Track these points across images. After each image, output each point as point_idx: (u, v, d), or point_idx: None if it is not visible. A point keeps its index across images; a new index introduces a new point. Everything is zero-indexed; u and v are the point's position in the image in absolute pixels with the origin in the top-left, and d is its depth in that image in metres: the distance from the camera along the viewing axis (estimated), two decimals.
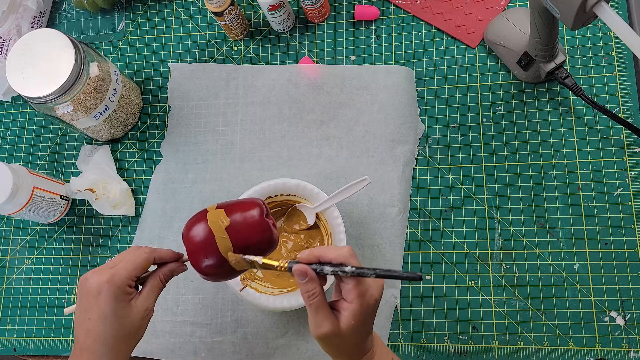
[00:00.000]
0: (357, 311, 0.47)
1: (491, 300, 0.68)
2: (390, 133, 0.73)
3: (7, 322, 0.78)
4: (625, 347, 0.63)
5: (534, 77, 0.71)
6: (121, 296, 0.52)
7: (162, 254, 0.56)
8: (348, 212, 0.71)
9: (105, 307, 0.52)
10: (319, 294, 0.48)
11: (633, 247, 0.66)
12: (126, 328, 0.52)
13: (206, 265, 0.53)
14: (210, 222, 0.53)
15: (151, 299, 0.54)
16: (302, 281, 0.48)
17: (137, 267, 0.54)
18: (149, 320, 0.55)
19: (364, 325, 0.48)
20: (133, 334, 0.53)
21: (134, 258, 0.54)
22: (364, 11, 0.79)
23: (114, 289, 0.52)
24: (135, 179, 0.80)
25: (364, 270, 0.46)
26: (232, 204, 0.55)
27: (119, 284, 0.52)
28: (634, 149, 0.68)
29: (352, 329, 0.47)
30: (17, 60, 0.68)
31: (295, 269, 0.48)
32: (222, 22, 0.78)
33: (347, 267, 0.47)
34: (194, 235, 0.53)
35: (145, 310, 0.54)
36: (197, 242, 0.53)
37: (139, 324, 0.53)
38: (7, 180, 0.69)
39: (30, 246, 0.81)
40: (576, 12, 0.50)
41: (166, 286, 0.57)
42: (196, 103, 0.81)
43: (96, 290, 0.52)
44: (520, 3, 0.76)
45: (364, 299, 0.47)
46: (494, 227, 0.70)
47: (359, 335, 0.49)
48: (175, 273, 0.57)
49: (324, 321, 0.48)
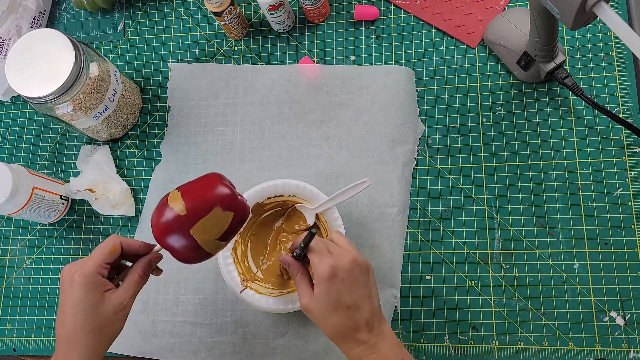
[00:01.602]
0: (315, 279, 0.54)
1: (491, 300, 0.68)
2: (390, 133, 0.73)
3: (7, 322, 0.78)
4: (625, 347, 0.63)
5: (534, 77, 0.71)
6: (91, 286, 0.52)
7: (130, 242, 0.56)
8: (348, 212, 0.71)
9: (75, 297, 0.52)
10: (298, 270, 0.57)
11: (633, 247, 0.66)
12: (97, 320, 0.52)
13: (171, 242, 0.53)
14: (171, 201, 0.54)
15: (127, 293, 0.54)
16: (287, 267, 0.59)
17: (104, 253, 0.54)
18: (125, 315, 0.54)
19: (328, 294, 0.53)
20: (104, 326, 0.53)
21: (101, 246, 0.54)
22: (363, 11, 0.79)
23: (82, 279, 0.52)
24: (135, 179, 0.80)
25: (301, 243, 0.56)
26: (190, 182, 0.57)
27: (88, 272, 0.52)
28: (633, 149, 0.68)
29: (315, 297, 0.54)
30: (16, 60, 0.68)
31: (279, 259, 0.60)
32: (221, 22, 0.78)
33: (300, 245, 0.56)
34: (157, 217, 0.54)
35: (119, 305, 0.53)
36: (161, 223, 0.53)
37: (112, 318, 0.53)
38: (6, 180, 0.69)
39: (30, 246, 0.81)
40: (576, 12, 0.50)
41: (146, 281, 0.57)
42: (196, 103, 0.81)
43: (68, 281, 0.53)
44: (520, 3, 0.76)
45: (319, 267, 0.54)
46: (494, 227, 0.70)
47: (327, 306, 0.53)
48: (153, 264, 0.57)
49: (302, 295, 0.56)
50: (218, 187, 0.54)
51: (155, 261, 0.57)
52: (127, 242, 0.56)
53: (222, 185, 0.55)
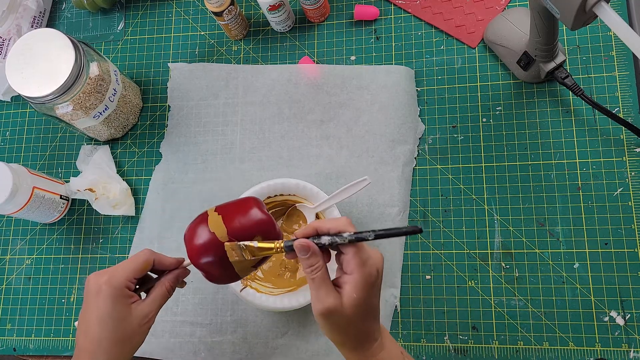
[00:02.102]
0: (358, 282, 0.45)
1: (491, 300, 0.68)
2: (390, 133, 0.73)
3: (7, 322, 0.78)
4: (625, 347, 0.63)
5: (534, 77, 0.71)
6: (119, 298, 0.52)
7: (163, 259, 0.56)
8: (348, 212, 0.71)
9: (103, 308, 0.51)
10: (321, 267, 0.46)
11: (633, 247, 0.66)
12: (122, 331, 0.52)
13: (206, 263, 0.53)
14: (211, 223, 0.53)
15: (153, 306, 0.54)
16: (304, 256, 0.47)
17: (136, 268, 0.54)
18: (149, 328, 0.54)
19: (367, 299, 0.46)
20: (129, 338, 0.53)
21: (133, 259, 0.54)
22: (363, 11, 0.79)
23: (111, 290, 0.52)
24: (135, 179, 0.80)
25: (362, 233, 0.44)
26: (229, 204, 0.56)
27: (116, 284, 0.52)
28: (633, 149, 0.68)
29: (354, 303, 0.45)
30: (17, 60, 0.68)
31: (297, 244, 0.47)
32: (222, 22, 0.78)
33: (345, 234, 0.46)
34: (196, 238, 0.53)
35: (144, 317, 0.53)
36: (198, 244, 0.53)
37: (137, 330, 0.53)
38: (7, 180, 0.69)
39: (30, 246, 0.81)
40: (576, 12, 0.50)
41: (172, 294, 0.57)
42: (196, 103, 0.81)
43: (95, 291, 0.52)
44: (520, 3, 0.76)
45: (365, 269, 0.45)
46: (494, 227, 0.70)
47: (363, 312, 0.46)
48: (180, 278, 0.57)
49: (326, 296, 0.46)
50: (260, 216, 0.54)
51: (182, 276, 0.58)
52: (160, 258, 0.56)
53: (263, 214, 0.54)
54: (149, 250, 0.56)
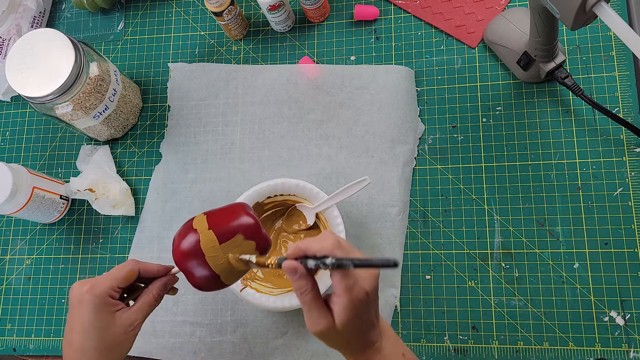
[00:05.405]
0: (346, 305, 0.45)
1: (491, 300, 0.68)
2: (390, 133, 0.73)
3: (7, 322, 0.78)
4: (625, 347, 0.63)
5: (534, 77, 0.71)
6: (102, 306, 0.52)
7: (148, 267, 0.56)
8: (348, 212, 0.71)
9: (85, 317, 0.51)
10: (310, 290, 0.46)
11: (633, 247, 0.66)
12: (107, 341, 0.52)
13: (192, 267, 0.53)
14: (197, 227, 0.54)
15: (139, 314, 0.54)
16: (293, 277, 0.46)
17: (119, 277, 0.54)
18: (135, 335, 0.54)
19: (359, 317, 0.46)
20: (115, 346, 0.52)
21: (117, 268, 0.54)
22: (363, 11, 0.79)
23: (93, 299, 0.52)
24: (135, 179, 0.80)
25: (343, 261, 0.44)
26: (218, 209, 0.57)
27: (98, 293, 0.52)
28: (633, 149, 0.68)
29: (345, 324, 0.45)
30: (17, 60, 0.68)
31: (285, 266, 0.46)
32: (221, 22, 0.78)
33: (327, 260, 0.44)
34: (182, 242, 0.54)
35: (130, 325, 0.53)
36: (182, 246, 0.53)
37: (122, 338, 0.53)
38: (6, 180, 0.69)
39: (30, 246, 0.81)
40: (576, 12, 0.50)
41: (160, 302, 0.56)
42: (196, 103, 0.81)
43: (77, 300, 0.52)
44: (520, 3, 0.76)
45: (352, 293, 0.45)
46: (494, 227, 0.70)
47: (356, 329, 0.47)
48: (168, 285, 0.57)
49: (318, 318, 0.46)
50: (243, 216, 0.55)
51: (170, 283, 0.57)
52: (145, 267, 0.56)
53: (246, 215, 0.55)
54: (134, 260, 0.56)
